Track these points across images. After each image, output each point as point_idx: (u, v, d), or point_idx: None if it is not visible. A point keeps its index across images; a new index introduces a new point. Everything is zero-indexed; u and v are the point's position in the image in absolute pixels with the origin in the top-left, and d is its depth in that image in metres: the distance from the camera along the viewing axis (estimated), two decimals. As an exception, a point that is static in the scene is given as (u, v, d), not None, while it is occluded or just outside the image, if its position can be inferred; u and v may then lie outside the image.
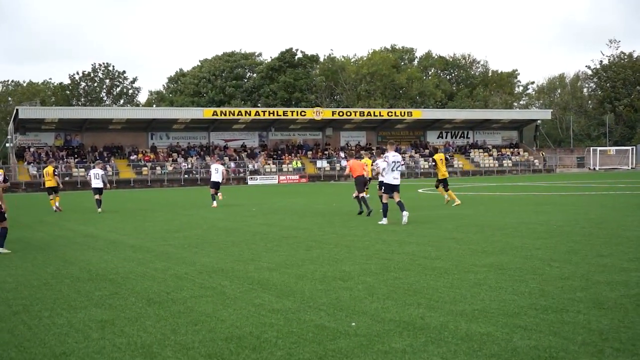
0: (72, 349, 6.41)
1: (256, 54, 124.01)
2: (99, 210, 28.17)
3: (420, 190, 41.78)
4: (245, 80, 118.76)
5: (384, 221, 18.49)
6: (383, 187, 19.27)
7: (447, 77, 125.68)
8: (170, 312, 7.93)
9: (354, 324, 7.07)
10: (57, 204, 29.68)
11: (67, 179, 69.05)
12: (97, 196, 29.43)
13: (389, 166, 18.82)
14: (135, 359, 6.03)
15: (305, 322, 7.24)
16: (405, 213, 18.29)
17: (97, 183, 29.76)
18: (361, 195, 22.77)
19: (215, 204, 29.51)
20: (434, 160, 27.30)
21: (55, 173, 30.45)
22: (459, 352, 5.96)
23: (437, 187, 26.75)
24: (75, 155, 74.90)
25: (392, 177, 18.84)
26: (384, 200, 18.87)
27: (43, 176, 29.98)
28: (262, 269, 11.05)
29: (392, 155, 18.98)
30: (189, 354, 6.14)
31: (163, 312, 7.94)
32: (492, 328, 6.72)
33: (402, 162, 19.29)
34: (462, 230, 16.08)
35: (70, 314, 7.97)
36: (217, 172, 31.49)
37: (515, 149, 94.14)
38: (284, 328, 6.98)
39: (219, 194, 30.42)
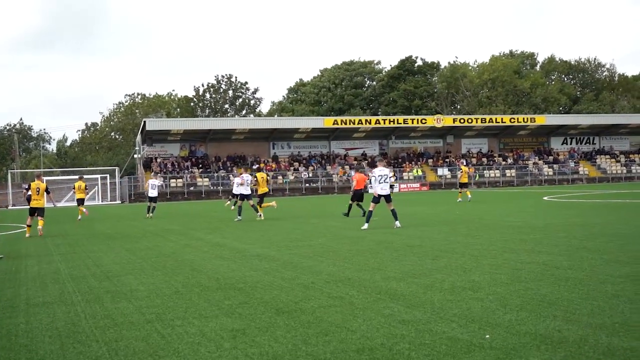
0: (205, 359, 6.44)
1: (375, 62, 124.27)
2: (149, 215, 32.95)
3: (545, 198, 40.71)
4: (365, 89, 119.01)
5: (365, 226, 21.24)
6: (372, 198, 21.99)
7: (571, 81, 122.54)
8: (300, 322, 7.90)
9: (488, 336, 6.87)
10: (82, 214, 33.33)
11: (192, 188, 70.71)
12: (151, 203, 34.15)
13: (376, 180, 21.69)
14: (268, 370, 6.00)
15: (437, 333, 7.08)
16: (396, 223, 21.40)
17: (152, 193, 34.29)
18: (356, 202, 27.83)
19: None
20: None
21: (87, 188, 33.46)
22: (602, 367, 5.70)
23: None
24: (200, 165, 76.55)
25: (379, 189, 21.59)
26: (370, 208, 21.79)
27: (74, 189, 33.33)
28: (388, 278, 10.93)
29: (377, 170, 21.89)
30: (322, 365, 6.08)
31: (292, 322, 7.92)
32: (636, 343, 6.40)
33: (390, 175, 21.75)
34: (593, 239, 15.54)
35: (201, 323, 8.04)
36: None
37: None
38: (415, 340, 6.84)
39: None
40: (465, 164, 44.70)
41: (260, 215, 28.28)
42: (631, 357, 5.95)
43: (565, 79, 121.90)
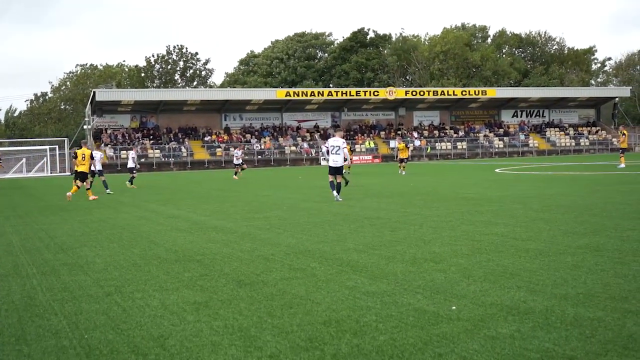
0: (169, 332, 6.31)
1: (327, 33, 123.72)
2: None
3: (497, 170, 41.06)
4: (317, 61, 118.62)
5: (336, 195, 20.66)
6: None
7: (522, 54, 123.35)
8: (263, 294, 7.79)
9: (454, 307, 6.83)
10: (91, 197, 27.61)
11: (143, 160, 69.98)
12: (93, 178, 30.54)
13: (329, 150, 20.98)
14: (234, 343, 5.88)
15: (403, 305, 7.02)
16: (335, 194, 20.67)
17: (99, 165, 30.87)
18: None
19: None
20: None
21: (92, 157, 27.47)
22: (571, 338, 5.68)
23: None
24: (151, 137, 75.79)
25: (331, 160, 20.86)
26: (329, 179, 21.18)
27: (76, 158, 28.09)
28: (349, 250, 10.87)
29: (331, 140, 21.12)
30: (289, 337, 5.98)
31: (255, 294, 7.81)
32: (602, 313, 6.41)
33: (344, 146, 20.89)
34: (549, 211, 15.65)
35: (162, 296, 7.89)
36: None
37: (593, 128, 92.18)
38: (382, 312, 6.77)
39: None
40: (402, 140, 45.43)
41: None
42: (598, 328, 5.94)
43: (516, 53, 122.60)
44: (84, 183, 26.51)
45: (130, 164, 35.38)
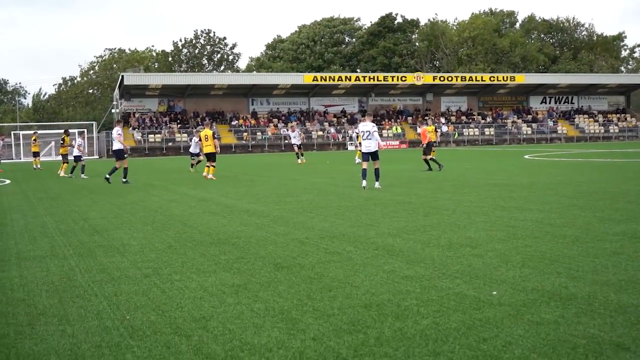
0: (210, 314, 6.32)
1: (355, 19, 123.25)
2: (69, 175, 31.62)
3: (526, 157, 40.80)
4: (344, 46, 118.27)
5: (364, 183, 19.82)
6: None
7: (550, 40, 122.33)
8: (301, 277, 7.79)
9: (495, 292, 6.79)
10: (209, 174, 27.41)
11: (170, 144, 70.28)
12: (77, 163, 32.24)
13: (361, 136, 20.18)
14: (276, 325, 5.88)
15: (443, 289, 6.99)
16: (376, 183, 19.84)
17: (77, 152, 32.30)
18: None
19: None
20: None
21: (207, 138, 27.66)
22: (616, 324, 5.62)
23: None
24: (178, 121, 76.01)
25: (364, 146, 20.07)
26: (363, 167, 20.20)
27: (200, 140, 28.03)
28: (383, 234, 10.84)
29: (361, 125, 20.38)
30: (331, 320, 5.97)
31: (294, 277, 7.81)
32: (646, 300, 6.35)
33: (374, 131, 19.90)
34: (583, 197, 15.52)
35: (200, 278, 7.91)
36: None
37: (622, 115, 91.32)
38: (422, 296, 6.75)
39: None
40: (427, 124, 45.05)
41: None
42: (643, 314, 5.89)
43: (545, 38, 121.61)
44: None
45: (194, 149, 33.90)
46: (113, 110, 79.27)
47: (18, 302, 7.05)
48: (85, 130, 74.32)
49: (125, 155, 25.97)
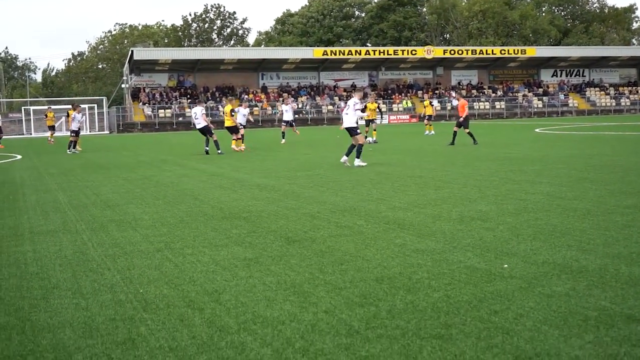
0: (223, 287, 6.36)
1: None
2: (71, 150, 31.12)
3: (537, 130, 40.69)
4: (354, 20, 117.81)
5: (357, 162, 18.68)
6: None
7: (562, 13, 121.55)
8: (313, 251, 7.83)
9: (506, 265, 6.80)
10: (235, 146, 27.87)
11: (180, 119, 70.36)
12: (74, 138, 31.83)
13: (349, 108, 19.22)
14: (288, 298, 5.92)
15: (454, 263, 7.01)
16: (344, 158, 18.96)
17: (75, 125, 32.01)
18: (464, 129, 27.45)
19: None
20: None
21: (233, 113, 28.18)
22: (627, 296, 5.63)
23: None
24: (188, 96, 75.99)
25: (345, 120, 19.30)
26: (360, 142, 18.92)
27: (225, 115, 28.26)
28: (394, 208, 10.86)
29: (351, 101, 19.49)
30: (342, 294, 6.00)
31: (305, 251, 7.84)
32: (657, 272, 6.36)
33: (356, 107, 19.13)
34: (593, 171, 15.49)
35: (212, 252, 7.95)
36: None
37: (634, 87, 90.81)
38: (433, 269, 6.77)
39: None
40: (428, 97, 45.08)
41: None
42: (654, 287, 5.90)
43: (556, 11, 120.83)
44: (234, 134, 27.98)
45: (241, 119, 31.47)
46: (123, 86, 79.33)
47: (32, 276, 7.11)
48: (96, 105, 74.38)
49: (212, 131, 26.70)
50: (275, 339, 4.94)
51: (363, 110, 21.89)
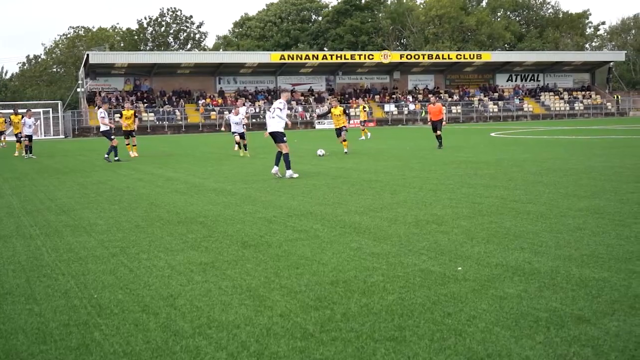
0: (178, 292, 6.35)
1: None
2: (28, 156, 30.86)
3: (492, 134, 41.11)
4: (311, 24, 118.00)
5: (273, 169, 17.43)
6: None
7: (517, 18, 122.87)
8: (269, 255, 7.84)
9: (460, 268, 6.88)
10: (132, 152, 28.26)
11: (137, 123, 69.77)
12: (29, 143, 31.39)
13: (269, 114, 17.60)
14: (244, 302, 5.93)
15: (408, 266, 7.07)
16: (275, 169, 17.28)
17: (28, 131, 31.64)
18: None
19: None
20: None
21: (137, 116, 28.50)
22: (578, 298, 5.73)
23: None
24: (145, 100, 75.53)
25: (268, 125, 17.63)
26: (284, 151, 17.17)
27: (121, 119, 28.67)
28: (351, 212, 10.91)
29: (275, 103, 17.76)
30: (298, 297, 6.03)
31: (261, 255, 7.85)
32: (607, 274, 6.46)
33: (281, 108, 17.41)
34: (547, 174, 15.70)
35: (168, 257, 7.93)
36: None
37: (587, 92, 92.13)
38: (388, 272, 6.82)
39: None
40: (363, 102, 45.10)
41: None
42: (604, 288, 6.00)
43: (511, 16, 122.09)
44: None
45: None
46: (78, 90, 78.56)
47: (-16, 282, 7.03)
48: (51, 109, 73.54)
49: (112, 136, 26.11)
50: (230, 343, 4.95)
51: (325, 116, 21.70)
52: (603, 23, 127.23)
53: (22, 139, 32.42)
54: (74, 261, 7.87)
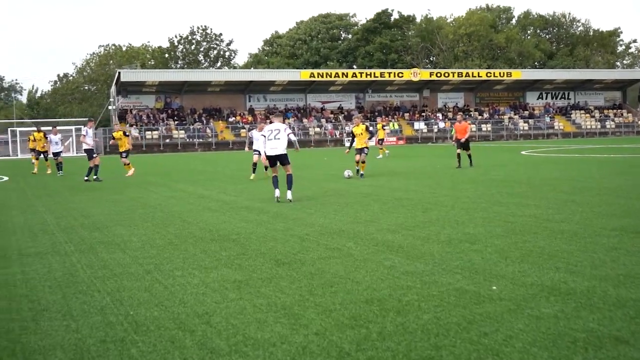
0: (213, 309, 6.37)
1: (351, 14, 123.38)
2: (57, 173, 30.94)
3: (523, 153, 40.89)
4: (341, 42, 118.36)
5: (276, 193, 16.24)
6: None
7: (547, 36, 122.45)
8: (302, 273, 7.85)
9: (494, 287, 6.85)
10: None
11: (167, 141, 70.27)
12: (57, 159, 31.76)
13: (267, 138, 16.38)
14: (279, 320, 5.94)
15: (443, 285, 7.05)
16: (288, 193, 16.04)
17: (55, 148, 32.26)
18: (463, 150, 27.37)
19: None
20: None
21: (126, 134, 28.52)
22: (615, 318, 5.68)
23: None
24: (175, 118, 76.03)
25: (268, 147, 16.28)
26: (272, 174, 16.72)
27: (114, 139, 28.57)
28: (383, 230, 10.90)
29: (268, 127, 16.77)
30: (333, 315, 6.03)
31: (295, 273, 7.86)
32: (644, 294, 6.41)
33: (285, 130, 16.34)
34: (580, 193, 15.60)
35: (202, 274, 7.96)
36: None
37: (619, 110, 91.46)
38: (422, 291, 6.80)
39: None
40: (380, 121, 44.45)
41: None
42: (641, 309, 5.95)
43: (541, 34, 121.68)
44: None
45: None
46: (110, 107, 79.25)
47: (21, 298, 7.10)
48: (82, 126, 73.93)
49: (94, 155, 26.02)
50: (267, 361, 4.95)
51: (354, 140, 21.80)
52: (635, 41, 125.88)
53: (48, 156, 32.86)
54: (109, 278, 7.93)
